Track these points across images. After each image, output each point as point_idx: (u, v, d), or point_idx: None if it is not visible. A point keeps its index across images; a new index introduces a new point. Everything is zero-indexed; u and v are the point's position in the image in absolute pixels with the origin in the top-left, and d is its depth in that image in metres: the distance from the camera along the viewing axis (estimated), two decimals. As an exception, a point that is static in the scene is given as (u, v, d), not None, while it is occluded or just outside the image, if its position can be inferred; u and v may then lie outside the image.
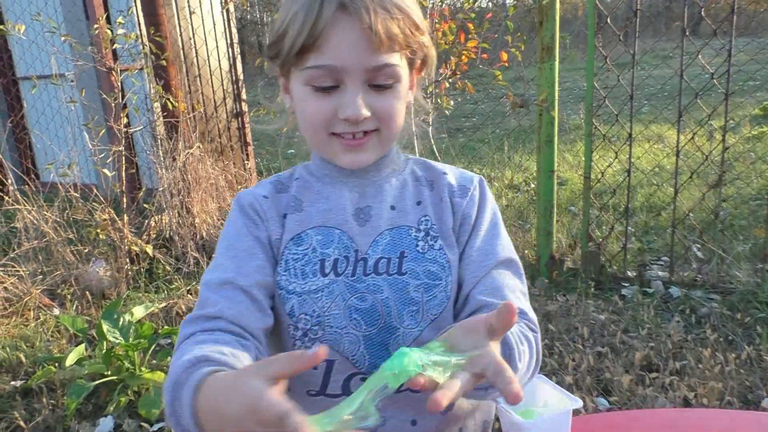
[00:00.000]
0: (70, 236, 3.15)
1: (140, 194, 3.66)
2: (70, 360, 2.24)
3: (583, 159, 2.86)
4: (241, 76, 4.13)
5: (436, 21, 3.01)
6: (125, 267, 3.12)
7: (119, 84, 3.22)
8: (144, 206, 3.43)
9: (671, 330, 2.32)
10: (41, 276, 3.05)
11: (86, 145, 3.26)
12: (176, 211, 3.39)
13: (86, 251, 3.16)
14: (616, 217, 3.18)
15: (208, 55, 3.99)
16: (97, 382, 2.14)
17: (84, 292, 2.97)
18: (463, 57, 3.05)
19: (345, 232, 0.80)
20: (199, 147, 3.56)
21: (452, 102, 3.37)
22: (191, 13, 3.92)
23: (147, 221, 3.40)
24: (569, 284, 2.81)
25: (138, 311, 2.42)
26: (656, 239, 3.28)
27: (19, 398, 2.18)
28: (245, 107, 4.19)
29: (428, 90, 3.28)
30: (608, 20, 2.66)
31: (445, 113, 3.31)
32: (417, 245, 0.80)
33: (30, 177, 3.69)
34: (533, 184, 4.34)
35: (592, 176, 2.83)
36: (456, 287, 0.80)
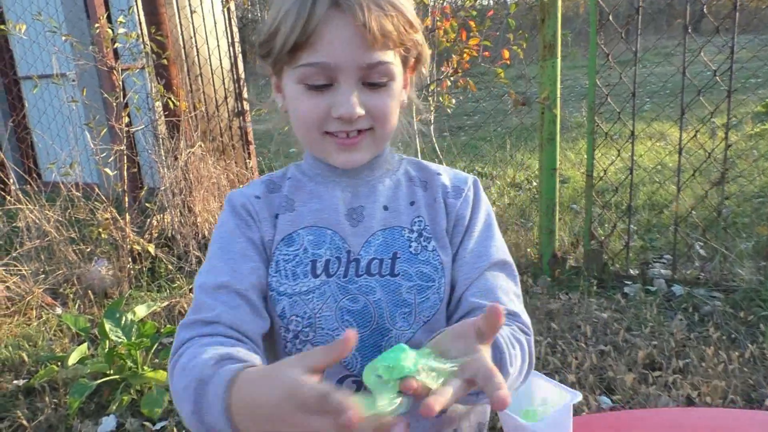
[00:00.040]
0: (72, 235, 3.15)
1: (142, 193, 3.66)
2: (73, 359, 2.25)
3: (585, 157, 2.86)
4: (243, 75, 4.12)
5: (438, 19, 3.00)
6: (127, 266, 3.12)
7: (120, 83, 3.22)
8: (146, 205, 3.43)
9: (674, 328, 2.32)
10: (43, 275, 3.05)
11: (88, 145, 3.26)
12: (178, 210, 3.39)
13: (88, 250, 3.16)
14: (619, 215, 3.17)
15: (210, 54, 3.98)
16: (100, 381, 2.14)
17: (86, 292, 2.98)
18: (465, 55, 3.04)
19: (337, 233, 0.79)
20: (201, 146, 3.56)
21: (454, 100, 3.37)
22: (192, 12, 3.92)
23: (149, 220, 3.40)
24: (572, 282, 2.81)
25: (140, 310, 2.42)
26: (659, 237, 3.27)
27: (22, 397, 2.19)
28: (247, 106, 4.19)
29: (430, 88, 3.27)
30: (610, 17, 2.65)
31: (447, 111, 3.31)
32: (410, 246, 0.79)
33: (32, 176, 3.69)
34: (535, 183, 4.33)
35: (595, 174, 2.83)
36: (449, 289, 0.79)
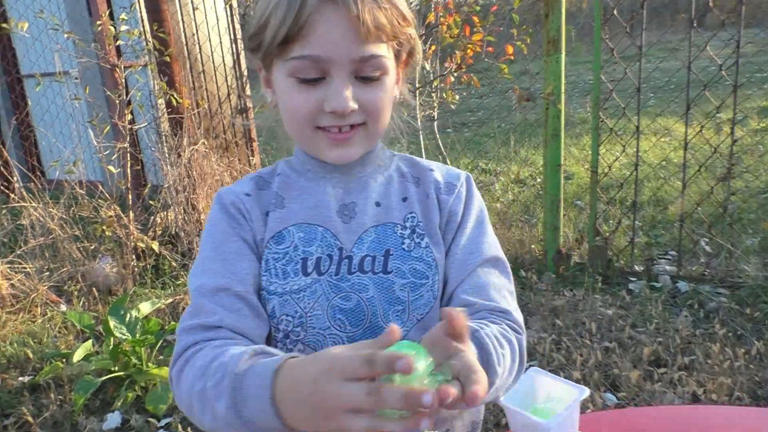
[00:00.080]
0: (76, 233, 3.15)
1: (145, 191, 3.66)
2: (78, 356, 2.25)
3: (590, 153, 2.84)
4: (245, 72, 4.12)
5: (441, 14, 2.99)
6: (131, 263, 3.12)
7: (123, 81, 3.22)
8: (149, 203, 3.43)
9: (679, 325, 2.31)
10: (48, 272, 3.06)
11: (91, 142, 3.26)
12: (182, 208, 3.39)
13: (92, 248, 3.16)
14: (623, 212, 3.16)
15: (212, 51, 3.98)
16: (105, 378, 2.15)
17: (90, 289, 2.98)
18: (469, 50, 3.02)
19: (328, 230, 0.77)
20: (204, 143, 3.55)
21: (457, 96, 3.36)
22: (194, 9, 3.91)
23: (153, 218, 3.40)
24: (576, 279, 2.80)
25: (144, 307, 2.43)
26: (664, 233, 3.26)
27: (27, 394, 2.20)
28: (250, 103, 4.18)
29: (434, 84, 3.26)
30: (614, 12, 2.63)
31: (451, 107, 3.30)
32: (403, 243, 0.78)
33: (35, 174, 3.69)
34: (539, 179, 4.32)
35: (599, 170, 2.81)
36: (443, 286, 0.78)
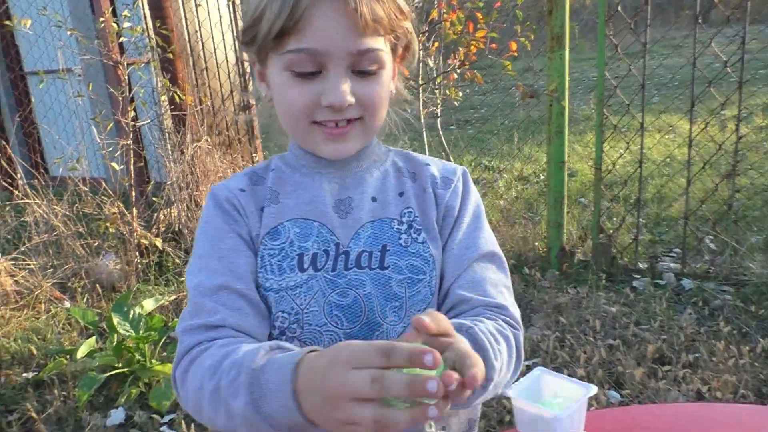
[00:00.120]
0: (80, 230, 3.16)
1: (149, 188, 3.66)
2: (81, 352, 2.25)
3: (593, 150, 2.83)
4: (248, 69, 4.11)
5: (444, 11, 2.98)
6: (135, 260, 3.13)
7: (126, 78, 3.22)
8: (153, 200, 3.44)
9: (684, 322, 2.30)
10: (52, 269, 3.06)
11: (94, 139, 3.26)
12: (185, 204, 3.39)
13: (96, 245, 3.17)
14: (627, 209, 3.15)
15: (215, 48, 3.97)
16: (108, 374, 2.15)
17: (94, 285, 2.99)
18: (472, 47, 3.01)
19: (325, 225, 0.76)
20: (207, 140, 3.55)
21: (461, 93, 3.35)
22: (197, 6, 3.90)
23: (156, 214, 3.41)
24: (580, 276, 2.79)
25: (148, 304, 2.43)
26: (668, 231, 3.24)
27: (31, 390, 2.20)
28: (252, 100, 4.18)
29: (437, 81, 3.25)
30: (618, 8, 2.62)
31: (454, 104, 3.29)
32: (400, 238, 0.77)
33: (39, 171, 3.70)
34: (543, 176, 4.31)
35: (603, 167, 2.80)
36: (439, 282, 0.78)
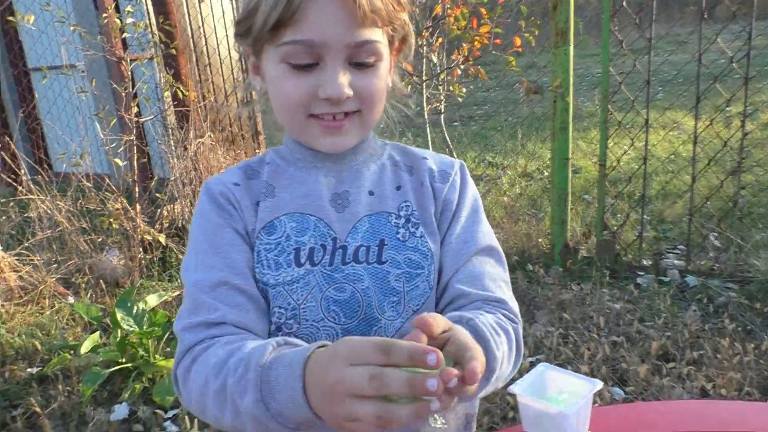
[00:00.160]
0: (84, 225, 3.16)
1: (152, 183, 3.67)
2: (85, 347, 2.26)
3: (597, 147, 2.82)
4: (252, 64, 4.10)
5: (448, 6, 2.96)
6: (138, 256, 3.13)
7: (129, 73, 3.22)
8: (156, 195, 3.44)
9: (688, 319, 2.29)
10: (56, 265, 3.07)
11: (98, 135, 3.26)
12: (188, 200, 3.39)
13: (100, 240, 3.18)
14: (632, 206, 3.14)
15: (218, 44, 3.97)
16: (112, 370, 2.16)
17: (98, 281, 2.99)
18: (476, 43, 3.00)
19: (321, 219, 0.75)
20: (210, 136, 3.55)
21: (464, 89, 3.33)
22: (200, 1, 3.90)
23: (159, 210, 3.41)
24: (584, 273, 2.78)
25: (151, 299, 2.43)
26: (672, 227, 3.23)
27: (36, 385, 2.21)
28: (255, 96, 4.17)
29: (440, 77, 3.24)
30: (624, 3, 2.60)
31: (458, 100, 3.28)
32: (397, 233, 0.76)
33: (43, 167, 3.71)
34: (547, 172, 4.29)
35: (607, 164, 2.79)
36: (437, 276, 0.77)
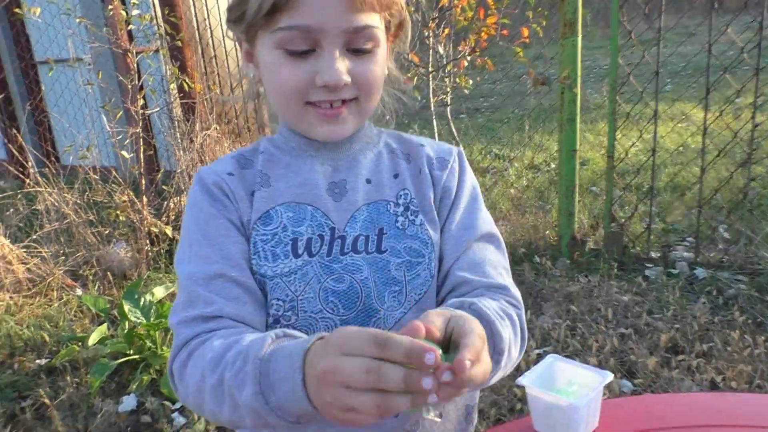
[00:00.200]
0: (91, 218, 3.18)
1: (159, 176, 3.67)
2: (93, 339, 2.27)
3: (605, 139, 2.80)
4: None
5: (455, -4, 2.93)
6: (145, 248, 3.14)
7: (135, 66, 3.21)
8: (162, 188, 3.44)
9: (697, 312, 2.28)
10: (63, 257, 3.08)
11: (104, 128, 3.27)
12: (194, 193, 3.39)
13: (107, 233, 3.19)
14: (640, 197, 3.11)
15: (224, 36, 3.95)
16: (120, 361, 2.17)
17: (105, 273, 3.01)
18: (483, 34, 2.97)
19: (319, 209, 0.74)
20: (216, 128, 3.55)
21: (471, 81, 3.31)
22: (206, -7, 3.88)
23: (166, 203, 3.41)
24: (591, 265, 2.76)
25: (158, 291, 2.44)
26: (681, 219, 3.20)
27: (44, 376, 2.22)
28: (261, 88, 4.16)
29: (447, 69, 3.21)
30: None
31: (464, 92, 3.25)
32: (396, 221, 0.75)
33: (50, 160, 3.73)
34: (554, 164, 4.27)
35: (615, 155, 2.77)
36: (438, 264, 0.76)
